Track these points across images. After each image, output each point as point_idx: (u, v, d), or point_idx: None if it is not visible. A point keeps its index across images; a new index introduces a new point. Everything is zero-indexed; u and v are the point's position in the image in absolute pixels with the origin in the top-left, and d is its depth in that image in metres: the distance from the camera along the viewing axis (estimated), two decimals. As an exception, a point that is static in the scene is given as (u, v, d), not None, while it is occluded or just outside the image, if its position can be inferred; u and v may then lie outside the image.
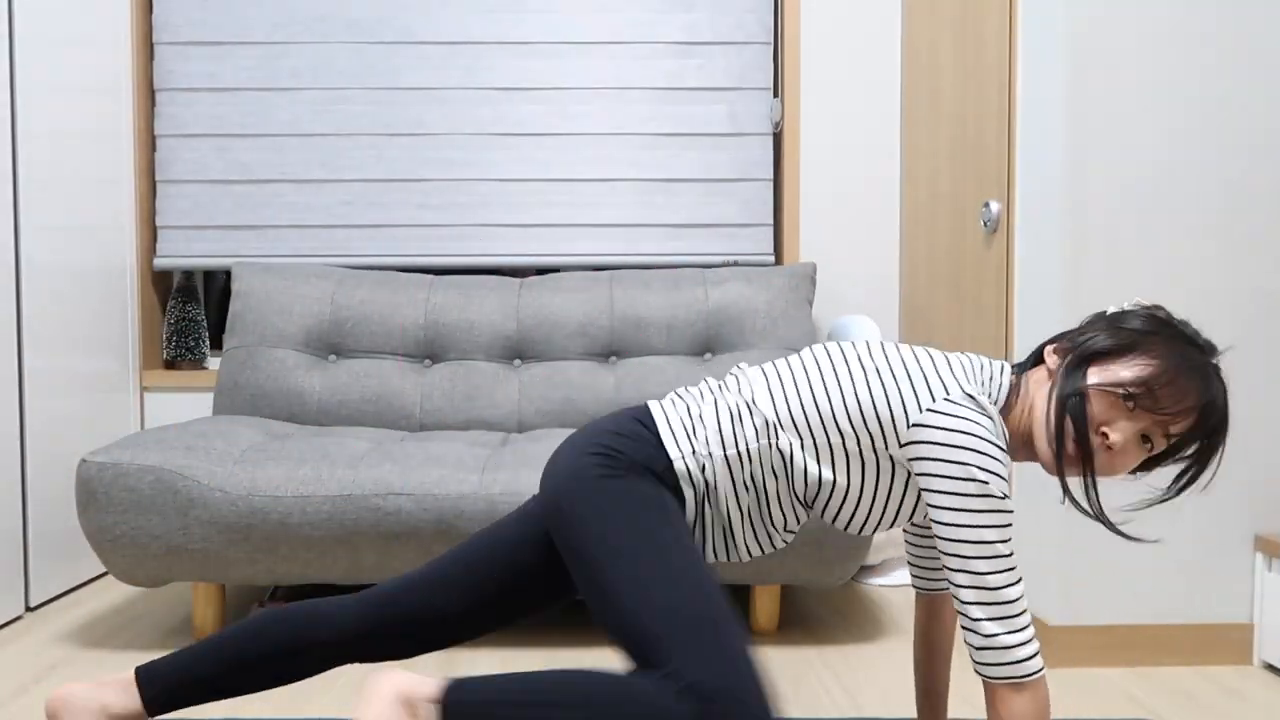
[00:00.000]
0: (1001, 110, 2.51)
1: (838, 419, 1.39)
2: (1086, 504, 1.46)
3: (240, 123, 3.30)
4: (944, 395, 1.36)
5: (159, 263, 3.31)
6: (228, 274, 3.49)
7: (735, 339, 2.95)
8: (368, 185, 3.32)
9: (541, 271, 3.44)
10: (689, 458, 1.41)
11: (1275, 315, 2.23)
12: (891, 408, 1.37)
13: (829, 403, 1.40)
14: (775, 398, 1.43)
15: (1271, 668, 2.23)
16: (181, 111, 3.29)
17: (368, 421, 2.84)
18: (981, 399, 1.37)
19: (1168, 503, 2.20)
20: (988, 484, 1.31)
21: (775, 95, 3.38)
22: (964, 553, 1.32)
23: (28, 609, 2.63)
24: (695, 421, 1.43)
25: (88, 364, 2.91)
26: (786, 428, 1.41)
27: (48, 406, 2.70)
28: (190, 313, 3.34)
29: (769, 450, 1.41)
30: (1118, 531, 1.40)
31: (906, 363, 1.40)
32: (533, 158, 3.34)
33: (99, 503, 2.23)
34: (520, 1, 3.32)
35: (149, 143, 3.29)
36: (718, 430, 1.42)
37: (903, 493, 1.42)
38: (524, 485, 2.26)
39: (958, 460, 1.32)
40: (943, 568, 1.53)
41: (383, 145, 3.32)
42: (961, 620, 1.35)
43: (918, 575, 1.64)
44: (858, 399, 1.39)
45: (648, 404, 1.49)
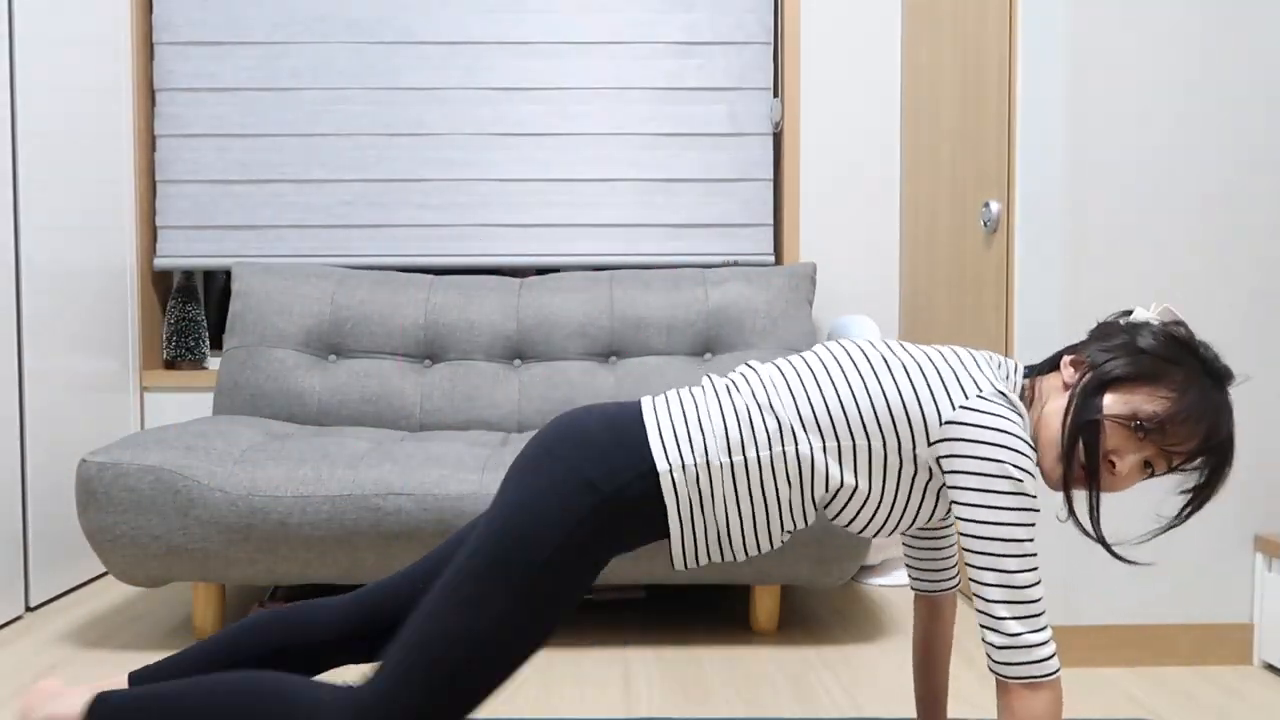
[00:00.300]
0: (1001, 110, 2.51)
1: (865, 420, 1.35)
2: (1088, 525, 1.46)
3: (240, 123, 3.30)
4: (977, 392, 1.34)
5: (159, 263, 3.31)
6: (228, 274, 3.49)
7: (735, 339, 2.95)
8: (368, 185, 3.32)
9: (541, 271, 3.44)
10: (677, 471, 1.34)
11: (1274, 315, 2.23)
12: (923, 406, 1.34)
13: (855, 402, 1.36)
14: (797, 397, 1.37)
15: (1271, 668, 2.23)
16: (181, 111, 3.29)
17: (368, 421, 2.84)
18: (1012, 396, 1.35)
19: (1167, 502, 2.20)
20: (1021, 482, 1.30)
21: (775, 95, 3.38)
22: (993, 550, 1.30)
23: (28, 609, 2.63)
24: (696, 426, 1.37)
25: (88, 364, 2.91)
26: (810, 429, 1.36)
27: (48, 406, 2.70)
28: (190, 313, 3.34)
29: (782, 457, 1.35)
30: (1115, 555, 1.39)
31: (934, 359, 1.38)
32: (533, 158, 3.33)
33: (99, 503, 2.23)
34: (520, 1, 3.32)
35: (149, 143, 3.29)
36: (724, 435, 1.36)
37: (921, 497, 1.39)
38: (524, 485, 2.26)
39: (993, 458, 1.30)
40: (964, 565, 1.52)
41: (383, 145, 3.32)
42: (982, 619, 1.33)
43: (916, 576, 1.63)
44: (886, 398, 1.35)
45: (640, 403, 1.42)
